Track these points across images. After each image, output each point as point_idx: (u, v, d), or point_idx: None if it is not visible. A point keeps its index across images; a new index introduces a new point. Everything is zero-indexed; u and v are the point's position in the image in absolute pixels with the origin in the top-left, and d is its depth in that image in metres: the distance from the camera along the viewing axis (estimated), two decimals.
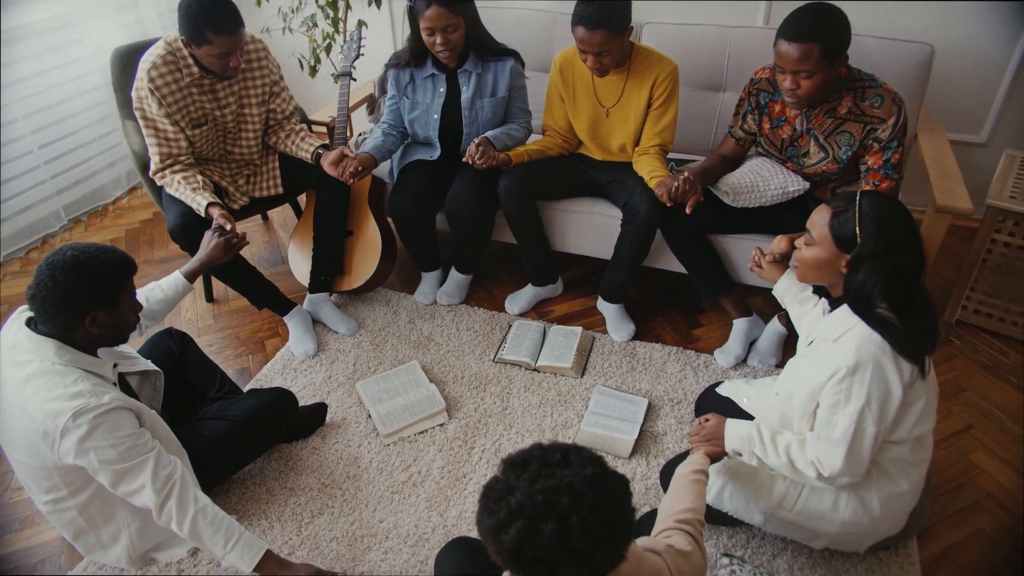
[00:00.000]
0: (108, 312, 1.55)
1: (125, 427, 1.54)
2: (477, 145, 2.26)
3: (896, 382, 1.44)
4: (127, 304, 1.60)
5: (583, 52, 2.17)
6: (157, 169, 2.27)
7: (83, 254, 1.50)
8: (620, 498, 0.97)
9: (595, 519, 0.93)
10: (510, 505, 0.95)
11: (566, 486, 0.95)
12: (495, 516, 0.96)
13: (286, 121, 2.49)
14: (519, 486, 0.96)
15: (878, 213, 1.44)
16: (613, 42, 2.11)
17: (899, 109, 1.95)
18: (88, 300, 1.50)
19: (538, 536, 0.93)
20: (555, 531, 0.93)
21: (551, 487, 0.95)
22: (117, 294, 1.55)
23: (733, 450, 1.65)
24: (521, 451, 1.02)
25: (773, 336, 2.37)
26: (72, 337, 1.56)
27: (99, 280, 1.51)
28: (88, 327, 1.53)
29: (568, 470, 0.96)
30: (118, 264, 1.55)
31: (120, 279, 1.56)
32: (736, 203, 2.19)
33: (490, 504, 0.98)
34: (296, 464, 2.05)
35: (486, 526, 0.98)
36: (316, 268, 2.55)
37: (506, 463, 1.01)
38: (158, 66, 2.17)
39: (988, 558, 1.79)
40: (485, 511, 0.98)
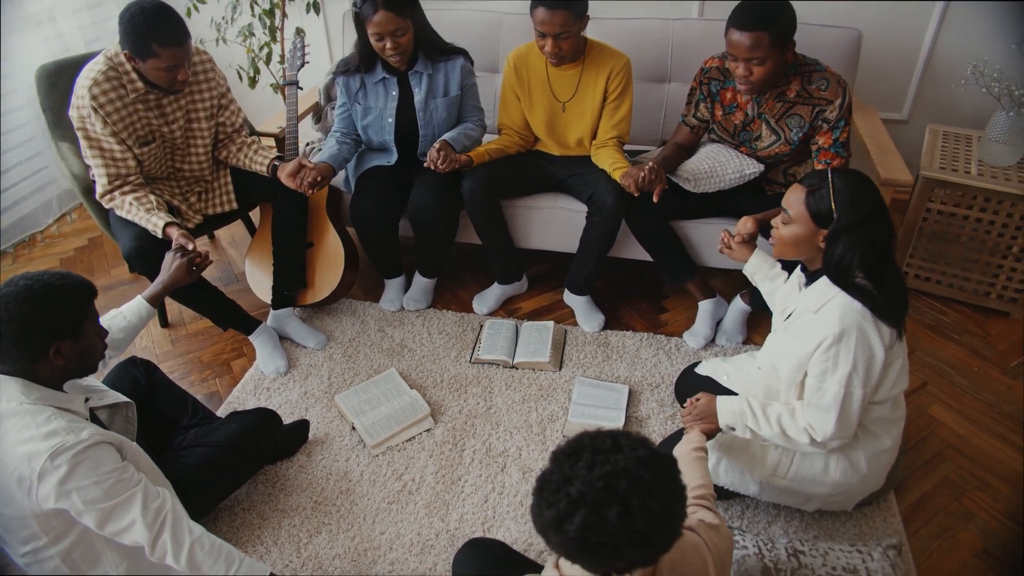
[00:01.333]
0: (73, 341, 1.45)
1: (107, 462, 1.45)
2: (438, 150, 2.26)
3: (878, 345, 1.53)
4: (92, 330, 1.51)
5: (542, 37, 2.20)
6: (105, 191, 2.16)
7: (36, 282, 1.40)
8: (673, 476, 1.00)
9: (654, 499, 0.96)
10: (570, 495, 0.96)
11: (622, 470, 0.97)
12: (555, 507, 0.97)
13: (236, 134, 2.41)
14: (576, 475, 0.98)
15: (851, 188, 1.53)
16: (573, 25, 2.15)
17: (844, 91, 2.06)
18: (49, 331, 1.41)
19: (602, 522, 0.95)
20: (618, 515, 0.94)
21: (609, 472, 0.96)
22: (80, 321, 1.47)
23: (726, 425, 1.71)
24: (570, 441, 1.03)
25: (737, 315, 2.47)
26: (37, 373, 1.46)
27: (58, 308, 1.41)
28: (53, 360, 1.44)
29: (621, 454, 0.98)
30: (77, 289, 1.46)
31: (81, 304, 1.47)
32: (697, 189, 2.27)
33: (548, 496, 0.99)
34: (284, 485, 1.99)
35: (547, 518, 0.98)
36: (278, 283, 2.48)
37: (557, 455, 1.02)
38: (100, 83, 2.06)
39: (957, 501, 1.93)
40: (544, 504, 0.99)
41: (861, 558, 1.66)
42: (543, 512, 0.99)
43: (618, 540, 0.96)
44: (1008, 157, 2.42)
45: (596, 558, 0.99)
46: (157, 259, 2.10)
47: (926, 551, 1.80)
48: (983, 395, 2.24)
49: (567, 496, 0.97)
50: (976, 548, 1.81)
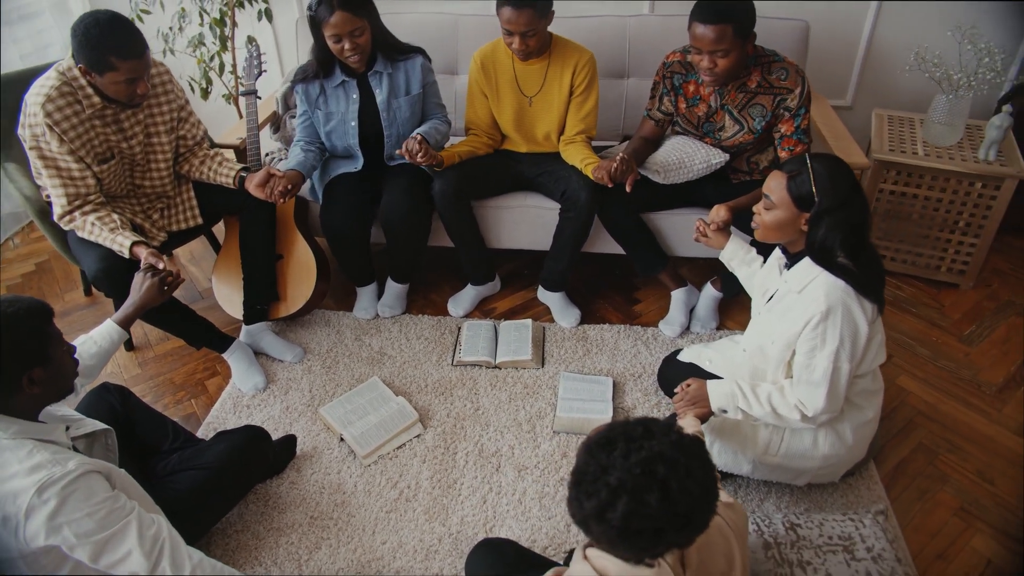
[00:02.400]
0: (43, 367, 1.39)
1: (98, 492, 1.39)
2: (420, 143, 2.24)
3: (862, 320, 1.60)
4: (59, 351, 1.45)
5: (509, 35, 2.21)
6: (64, 212, 2.06)
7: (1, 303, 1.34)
8: (704, 457, 1.03)
9: (691, 481, 0.98)
10: (609, 484, 0.98)
11: (658, 455, 0.99)
12: (596, 498, 0.99)
13: (197, 147, 2.34)
14: (613, 464, 0.99)
15: (829, 172, 1.59)
16: (538, 22, 2.18)
17: (803, 79, 2.15)
18: (17, 362, 1.35)
19: (644, 507, 0.96)
20: (659, 499, 0.96)
21: (645, 459, 0.98)
22: (45, 344, 1.40)
23: (719, 408, 1.76)
24: (601, 432, 1.04)
25: (709, 301, 2.53)
26: (11, 405, 1.40)
27: (21, 336, 1.35)
28: (28, 389, 1.38)
29: (655, 440, 1.00)
30: (34, 312, 1.39)
31: (42, 327, 1.41)
32: (667, 180, 2.32)
33: (587, 488, 1.00)
34: (277, 502, 1.94)
35: (588, 509, 0.99)
36: (250, 298, 2.42)
37: (590, 446, 1.03)
38: (53, 99, 1.97)
39: (931, 464, 2.03)
40: (583, 495, 1.00)
41: (854, 525, 1.73)
42: (584, 504, 1.01)
43: (659, 524, 0.98)
44: (950, 137, 2.56)
45: (638, 544, 1.01)
46: (125, 280, 2.03)
47: (909, 513, 1.89)
48: (943, 363, 2.36)
49: (607, 486, 0.99)
50: (954, 507, 1.91)
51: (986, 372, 2.32)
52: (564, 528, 1.86)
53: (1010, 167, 2.43)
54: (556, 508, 1.91)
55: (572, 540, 1.83)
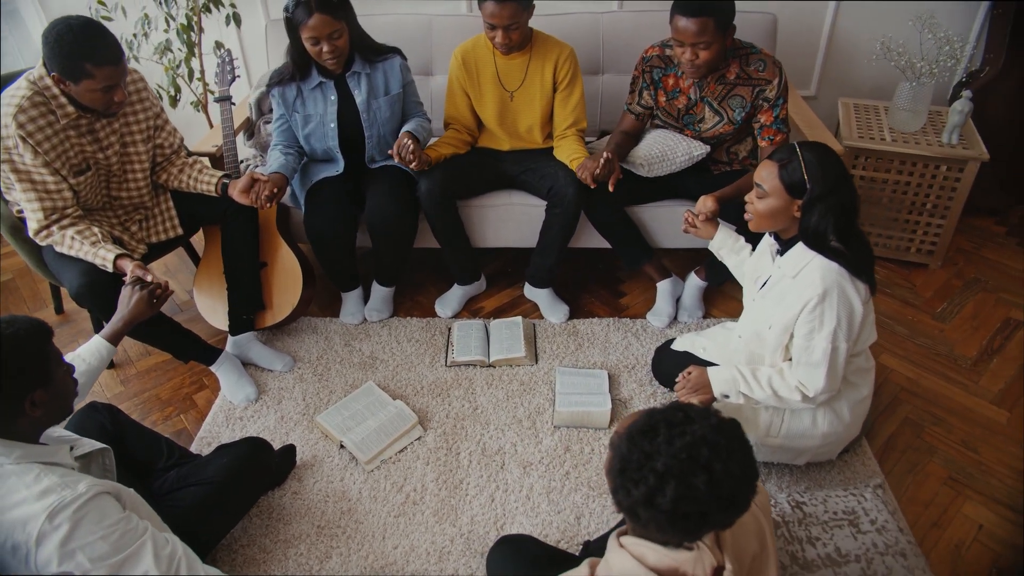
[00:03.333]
0: (44, 388, 1.34)
1: (111, 514, 1.35)
2: (408, 141, 2.23)
3: (857, 301, 1.66)
4: (60, 371, 1.40)
5: (492, 29, 2.22)
6: (40, 227, 1.99)
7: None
8: (743, 438, 1.05)
9: (734, 462, 1.01)
10: (656, 470, 0.99)
11: (700, 439, 1.00)
12: (644, 485, 1.00)
13: (175, 156, 2.28)
14: (659, 451, 1.01)
15: (819, 159, 1.64)
16: (521, 15, 2.20)
17: (780, 70, 2.20)
18: (20, 384, 1.30)
19: (692, 491, 0.98)
20: (706, 482, 0.98)
21: (688, 443, 1.00)
22: (47, 365, 1.36)
23: (721, 394, 1.80)
24: (639, 421, 1.06)
25: (694, 291, 2.58)
26: (13, 429, 1.34)
27: (22, 357, 1.30)
28: (30, 413, 1.33)
29: (696, 424, 1.02)
30: (33, 332, 1.34)
31: (43, 347, 1.36)
32: (650, 173, 2.35)
33: (633, 476, 1.01)
34: (281, 514, 1.91)
35: (636, 496, 1.01)
36: (235, 308, 2.37)
37: (632, 435, 1.04)
38: (26, 109, 1.89)
39: (919, 438, 2.11)
40: (630, 483, 1.02)
41: (856, 500, 1.79)
42: (631, 491, 1.02)
43: (706, 507, 1.00)
44: (914, 123, 2.66)
45: (685, 528, 1.03)
46: (110, 295, 1.97)
47: (902, 486, 1.97)
48: (920, 340, 2.46)
49: (654, 472, 1.00)
50: (943, 477, 1.99)
51: (960, 346, 2.42)
52: (575, 521, 1.88)
53: (972, 150, 2.54)
54: (564, 502, 1.92)
55: (583, 533, 1.85)
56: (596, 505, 1.91)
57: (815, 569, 1.64)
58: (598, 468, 2.01)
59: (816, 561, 1.65)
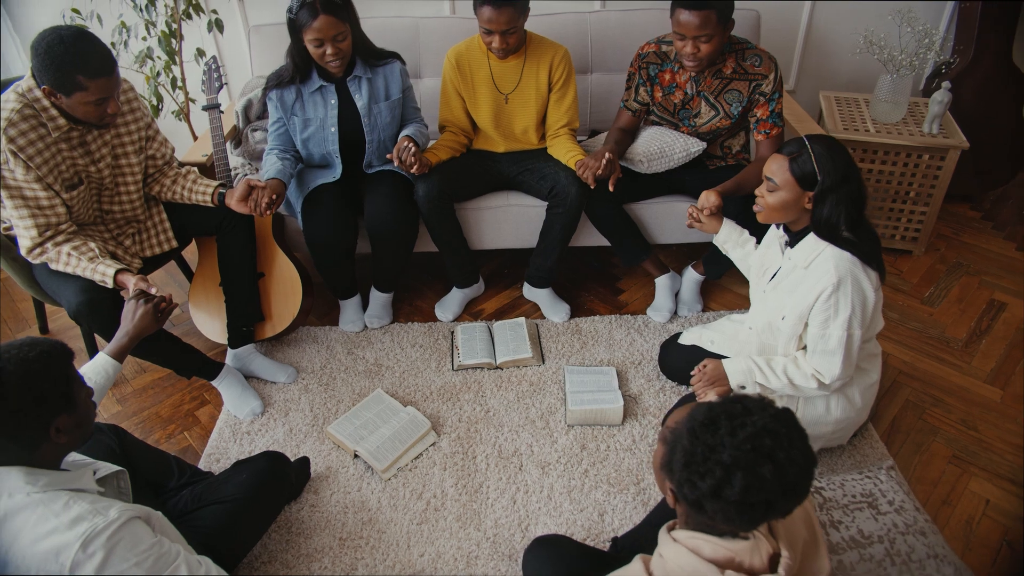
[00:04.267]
0: (68, 414, 1.30)
1: (144, 539, 1.32)
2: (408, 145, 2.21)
3: (869, 288, 1.70)
4: (82, 395, 1.36)
5: (489, 34, 2.22)
6: (34, 245, 1.91)
7: (9, 363, 1.21)
8: (800, 427, 1.07)
9: (795, 450, 1.02)
10: (723, 462, 1.01)
11: (762, 429, 1.02)
12: (711, 477, 1.01)
13: (167, 167, 2.22)
14: (722, 443, 1.02)
15: (829, 151, 1.68)
16: (518, 20, 2.21)
17: (775, 65, 2.25)
18: (45, 411, 1.25)
19: (759, 481, 0.99)
20: (772, 471, 1.00)
21: (751, 434, 1.01)
22: (70, 389, 1.31)
23: (738, 384, 1.83)
24: (699, 414, 1.07)
25: (692, 284, 2.61)
26: (37, 457, 1.30)
27: (47, 383, 1.24)
28: (55, 439, 1.28)
29: (756, 415, 1.04)
30: (56, 356, 1.29)
31: (67, 370, 1.31)
32: (650, 170, 2.37)
33: (699, 470, 1.02)
34: (301, 528, 1.87)
35: (704, 489, 1.02)
36: (234, 320, 2.32)
37: (694, 429, 1.05)
38: (16, 123, 1.82)
39: (921, 419, 2.17)
40: (696, 477, 1.02)
41: (872, 482, 1.84)
42: (697, 484, 1.03)
43: (772, 495, 1.01)
44: (895, 114, 2.74)
45: (751, 517, 1.04)
46: (110, 311, 1.92)
47: (909, 466, 2.02)
48: (912, 324, 2.53)
49: (720, 464, 1.01)
50: (947, 456, 2.06)
51: (951, 329, 2.50)
52: (599, 518, 1.88)
53: (952, 138, 2.63)
54: (586, 500, 1.93)
55: (608, 529, 1.85)
56: (618, 501, 1.92)
57: (841, 552, 1.67)
58: (616, 464, 2.02)
59: (841, 544, 1.69)
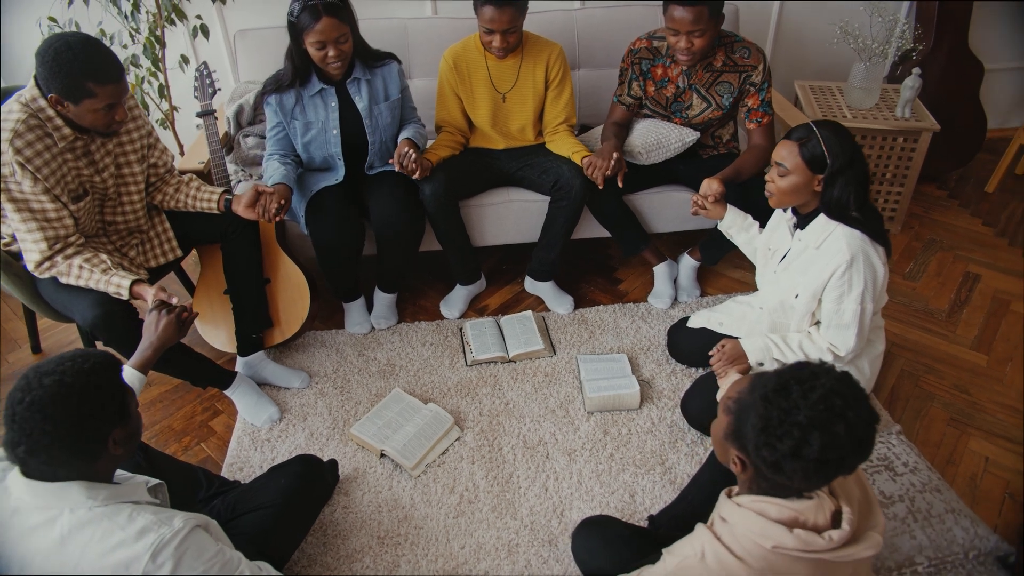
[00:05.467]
0: (122, 425, 1.29)
1: (208, 547, 1.31)
2: (411, 148, 2.23)
3: (879, 264, 1.80)
4: (133, 405, 1.34)
5: (489, 33, 2.25)
6: (44, 258, 1.86)
7: (66, 375, 1.18)
8: (860, 387, 1.13)
9: (862, 409, 1.09)
10: (800, 423, 1.06)
11: (831, 390, 1.08)
12: (789, 439, 1.07)
13: (169, 175, 2.18)
14: (797, 406, 1.08)
15: (836, 134, 1.76)
16: (518, 19, 2.25)
17: (763, 56, 2.34)
18: (104, 423, 1.23)
19: (835, 439, 1.06)
20: (845, 429, 1.06)
21: (822, 395, 1.08)
22: (125, 400, 1.30)
23: (756, 362, 1.91)
24: (770, 381, 1.12)
25: (689, 271, 2.70)
26: (94, 471, 1.28)
27: (104, 394, 1.23)
28: (112, 451, 1.27)
29: (824, 378, 1.10)
30: (107, 366, 1.27)
31: (120, 382, 1.30)
32: (649, 161, 2.44)
33: (777, 432, 1.08)
34: (337, 530, 1.87)
35: (783, 451, 1.07)
36: (243, 327, 2.29)
37: (766, 395, 1.11)
38: (22, 134, 1.77)
39: (917, 387, 2.29)
40: (774, 440, 1.08)
41: (886, 447, 1.94)
42: (776, 447, 1.08)
43: (845, 452, 1.08)
44: (868, 100, 2.88)
45: (826, 474, 1.10)
46: (126, 324, 1.88)
47: (912, 431, 2.14)
48: (898, 299, 2.66)
49: (797, 425, 1.07)
50: (945, 419, 2.18)
51: (933, 301, 2.65)
52: (630, 499, 1.93)
53: (924, 122, 2.78)
54: (615, 483, 1.98)
55: (640, 509, 1.91)
56: (646, 481, 1.98)
57: None
58: (639, 447, 2.08)
59: None
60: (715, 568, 1.22)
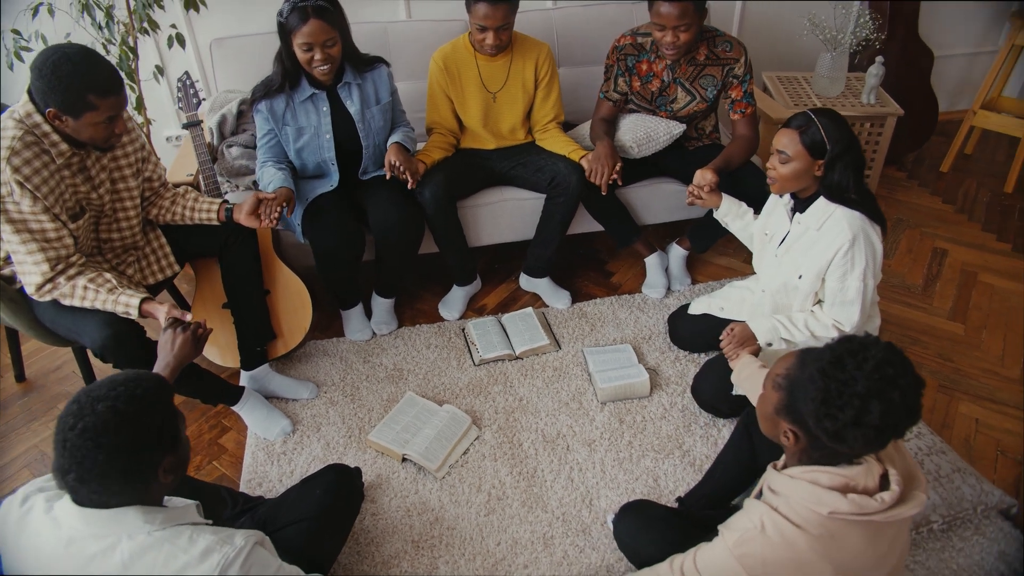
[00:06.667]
0: (173, 452, 1.24)
1: (270, 562, 1.31)
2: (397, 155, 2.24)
3: (878, 242, 1.89)
4: (183, 431, 1.30)
5: (482, 31, 2.27)
6: (45, 280, 1.79)
7: (119, 401, 1.15)
8: (905, 356, 1.20)
9: (911, 376, 1.16)
10: (859, 393, 1.12)
11: (883, 359, 1.15)
12: (850, 409, 1.12)
13: (163, 188, 2.12)
14: (854, 377, 1.13)
15: (833, 121, 1.85)
16: (511, 16, 2.28)
17: (744, 49, 2.43)
18: (157, 451, 1.19)
19: (892, 406, 1.12)
20: (900, 395, 1.13)
21: (875, 366, 1.14)
22: (177, 425, 1.26)
23: (765, 342, 1.98)
24: (825, 356, 1.18)
25: (679, 260, 2.77)
26: (148, 497, 1.25)
27: (157, 420, 1.19)
28: (162, 479, 1.23)
29: (872, 349, 1.16)
30: (159, 390, 1.23)
31: (173, 408, 1.26)
32: (640, 154, 2.50)
33: (836, 403, 1.14)
34: (369, 538, 1.86)
35: (844, 420, 1.13)
36: (246, 341, 2.24)
37: (823, 368, 1.16)
38: (19, 151, 1.70)
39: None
40: (835, 410, 1.13)
41: None
42: (837, 417, 1.14)
43: (900, 418, 1.14)
44: (835, 88, 3.02)
45: (883, 440, 1.17)
46: (137, 344, 1.83)
47: None
48: None
49: (856, 395, 1.13)
50: (935, 385, 2.31)
51: (908, 276, 2.79)
52: (654, 483, 1.98)
53: (888, 107, 2.93)
54: (638, 469, 2.02)
55: (667, 492, 1.96)
56: (667, 465, 2.03)
57: None
58: (655, 432, 2.13)
59: None
60: (776, 539, 1.26)
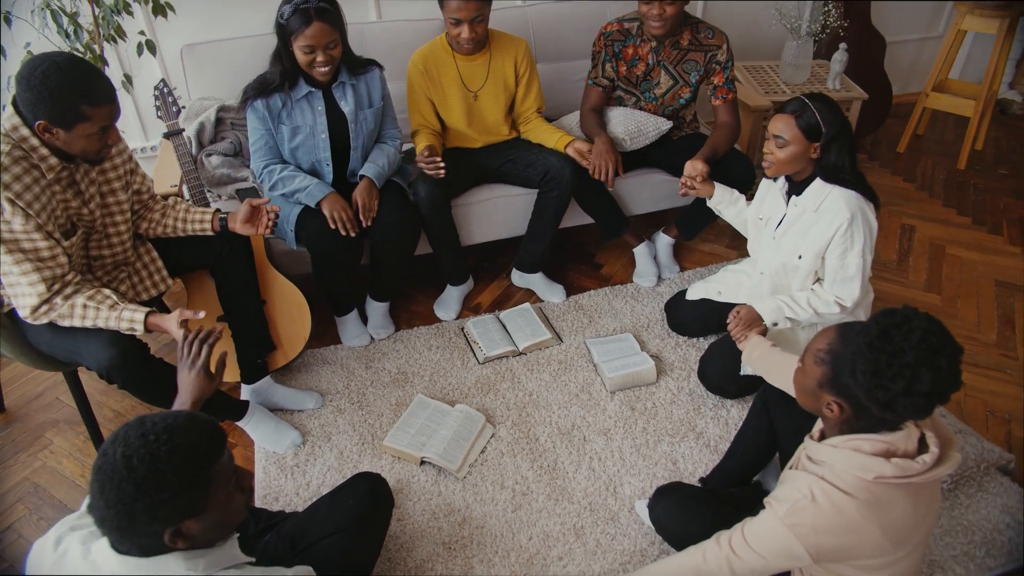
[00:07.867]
0: (198, 518, 1.10)
1: None
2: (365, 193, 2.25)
3: (873, 219, 1.97)
4: (223, 490, 1.14)
5: (457, 24, 2.26)
6: (41, 302, 1.69)
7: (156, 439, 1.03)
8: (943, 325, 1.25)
9: (954, 345, 1.21)
10: (908, 363, 1.17)
11: (926, 330, 1.19)
12: (901, 379, 1.17)
13: (152, 200, 2.04)
14: (902, 348, 1.18)
15: (826, 105, 1.92)
16: (485, 7, 2.28)
17: (726, 37, 2.49)
18: (180, 510, 1.07)
19: (940, 373, 1.17)
20: (946, 364, 1.18)
21: (920, 336, 1.18)
22: (206, 488, 1.11)
23: (771, 322, 2.04)
24: (871, 330, 1.22)
25: (666, 248, 2.82)
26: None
27: (175, 484, 1.05)
28: (171, 544, 1.10)
29: (914, 321, 1.21)
30: (212, 433, 1.12)
31: (204, 466, 1.11)
32: (633, 147, 2.54)
33: (887, 374, 1.18)
34: (399, 544, 1.83)
35: (895, 390, 1.17)
36: (246, 354, 2.17)
37: (871, 343, 1.20)
38: (8, 167, 1.61)
39: None
40: (887, 381, 1.18)
41: None
42: (890, 387, 1.18)
43: (946, 385, 1.20)
44: (801, 75, 3.12)
45: (931, 407, 1.21)
46: (144, 364, 1.75)
47: None
48: None
49: (906, 365, 1.17)
50: None
51: (883, 253, 2.91)
52: (674, 466, 2.01)
53: (853, 92, 3.04)
54: (655, 454, 2.05)
55: (687, 474, 1.99)
56: (684, 448, 2.07)
57: None
58: (667, 417, 2.16)
59: None
60: (826, 506, 1.30)
